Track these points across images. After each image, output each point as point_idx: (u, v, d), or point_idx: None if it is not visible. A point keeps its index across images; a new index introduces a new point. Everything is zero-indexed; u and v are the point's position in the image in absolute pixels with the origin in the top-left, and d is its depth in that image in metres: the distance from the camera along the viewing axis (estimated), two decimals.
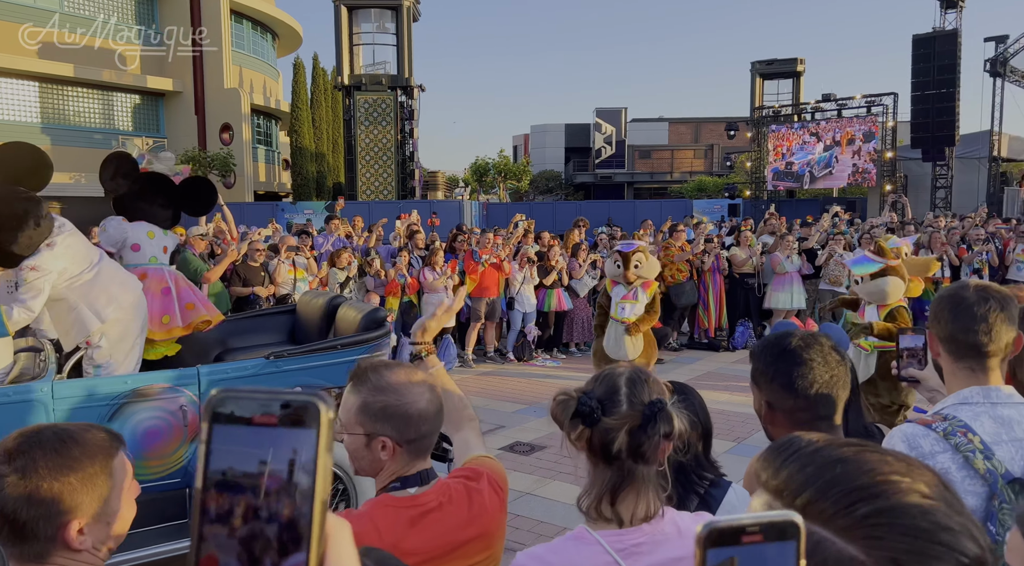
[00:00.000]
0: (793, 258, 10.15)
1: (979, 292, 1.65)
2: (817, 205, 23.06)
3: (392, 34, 24.68)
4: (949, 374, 1.71)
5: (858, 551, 0.61)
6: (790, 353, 1.55)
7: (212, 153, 25.38)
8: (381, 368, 1.55)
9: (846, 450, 0.69)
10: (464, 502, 1.56)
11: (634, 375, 1.36)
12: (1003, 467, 1.56)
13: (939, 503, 0.63)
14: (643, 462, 1.30)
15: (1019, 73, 24.71)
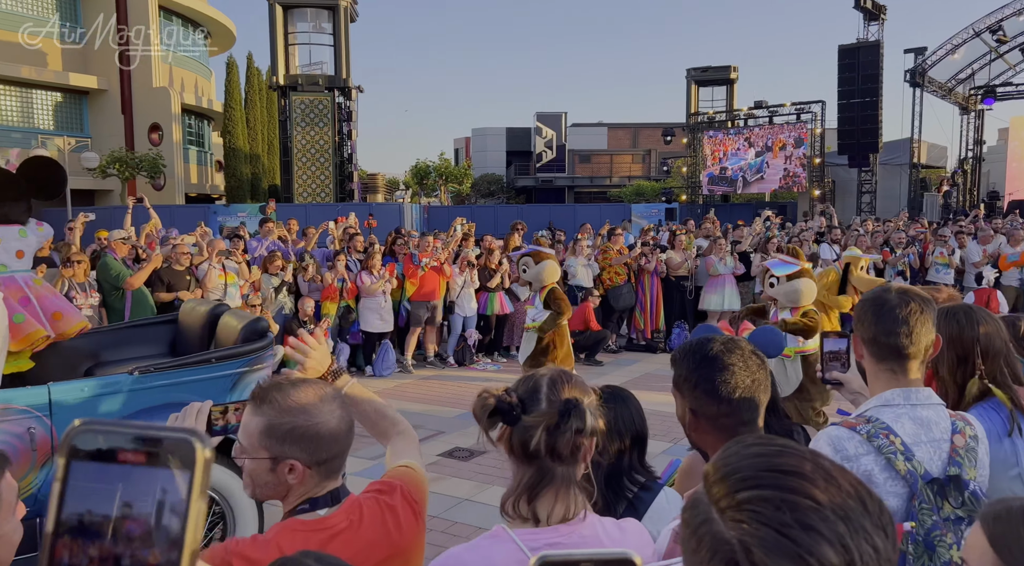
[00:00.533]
0: (727, 260, 10.39)
1: (901, 295, 1.68)
2: (750, 209, 23.70)
3: (329, 34, 24.28)
4: (872, 376, 1.73)
5: (732, 534, 0.64)
6: (712, 359, 1.55)
7: (140, 154, 24.49)
8: (287, 387, 1.47)
9: (773, 448, 0.71)
10: (376, 520, 1.50)
11: (556, 376, 1.38)
12: (923, 468, 1.59)
13: (830, 508, 0.64)
14: (561, 461, 1.31)
15: (936, 83, 25.93)
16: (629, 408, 2.01)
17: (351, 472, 5.64)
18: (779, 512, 0.63)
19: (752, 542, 0.63)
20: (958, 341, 1.98)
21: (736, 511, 0.65)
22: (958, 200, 26.18)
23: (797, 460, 0.69)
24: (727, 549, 0.64)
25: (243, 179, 29.46)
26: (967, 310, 2.04)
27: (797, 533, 0.62)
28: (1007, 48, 24.99)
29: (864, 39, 24.14)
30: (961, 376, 1.99)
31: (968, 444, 1.66)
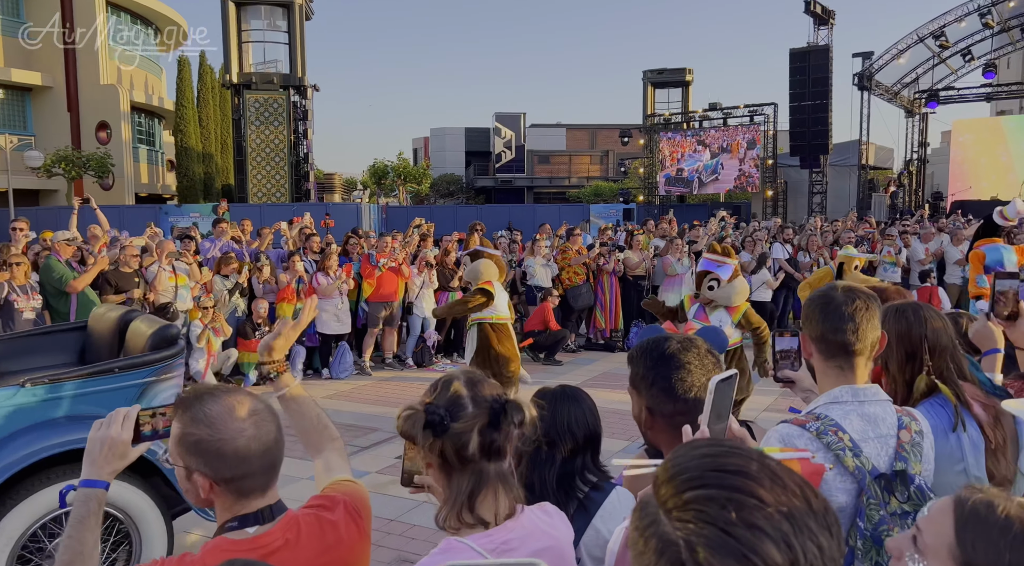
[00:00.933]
0: (684, 260, 10.52)
1: (846, 293, 1.71)
2: (705, 209, 24.07)
3: (284, 32, 23.90)
4: (821, 373, 1.76)
5: (675, 534, 0.64)
6: (668, 357, 1.56)
7: (87, 153, 23.79)
8: (205, 397, 1.40)
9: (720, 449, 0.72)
10: (315, 536, 1.45)
11: (471, 377, 1.37)
12: (870, 464, 1.62)
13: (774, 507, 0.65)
14: (496, 459, 1.31)
15: (883, 87, 26.68)
16: (582, 407, 2.00)
17: (305, 476, 5.56)
18: (724, 511, 0.64)
19: (697, 541, 0.63)
20: (907, 338, 2.02)
21: (682, 511, 0.65)
22: (904, 200, 27.00)
23: (743, 460, 0.69)
24: (673, 550, 0.64)
25: (196, 179, 28.82)
26: (916, 307, 2.08)
27: (741, 531, 0.63)
28: (949, 53, 25.87)
29: (814, 43, 24.73)
30: (909, 372, 2.03)
31: (914, 439, 1.70)
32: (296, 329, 1.76)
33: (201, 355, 8.16)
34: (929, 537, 0.93)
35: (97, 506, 1.46)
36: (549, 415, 2.01)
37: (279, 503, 1.46)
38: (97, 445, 1.48)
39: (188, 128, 28.73)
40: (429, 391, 1.37)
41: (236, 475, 1.37)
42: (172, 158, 30.30)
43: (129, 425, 1.49)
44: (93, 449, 1.49)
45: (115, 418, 1.50)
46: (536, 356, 9.84)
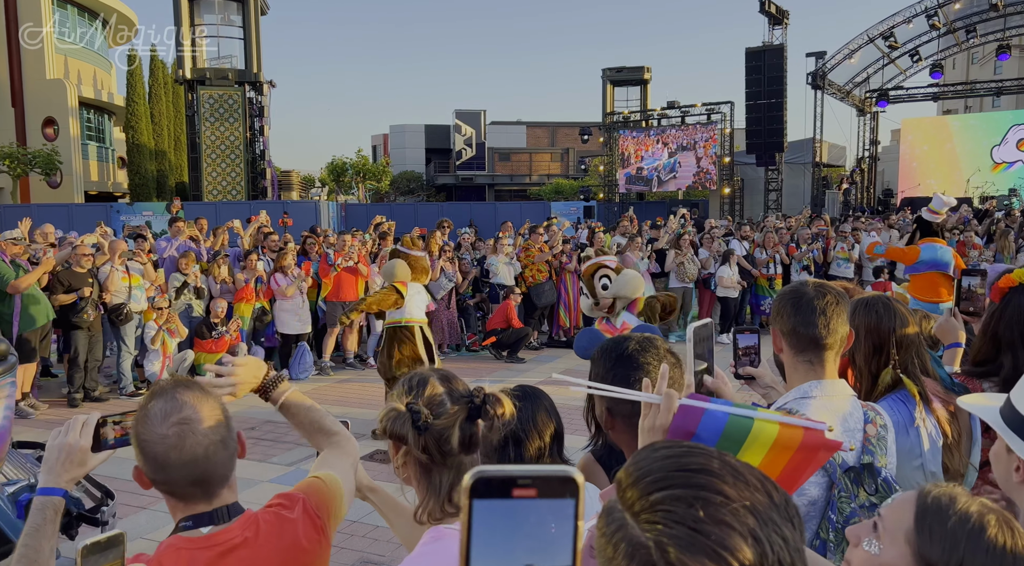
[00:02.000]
0: (644, 259, 10.63)
1: (817, 288, 1.73)
2: (664, 207, 24.34)
3: (239, 27, 23.43)
4: (790, 368, 1.78)
5: (644, 537, 0.65)
6: (627, 358, 1.56)
7: (33, 150, 23.02)
8: (166, 392, 1.39)
9: (680, 450, 0.73)
10: (274, 535, 1.42)
11: (442, 374, 1.40)
12: (840, 458, 1.65)
13: (740, 503, 0.66)
14: (472, 451, 1.34)
15: (836, 86, 27.29)
16: (544, 405, 2.03)
17: (266, 479, 5.47)
18: (691, 509, 0.65)
19: (668, 542, 0.63)
20: (875, 331, 2.06)
21: (650, 513, 0.66)
22: (856, 197, 27.66)
23: (705, 459, 0.70)
24: (644, 552, 0.64)
25: (148, 176, 28.11)
26: (885, 302, 2.12)
27: (710, 528, 0.63)
28: (898, 54, 26.58)
29: (769, 43, 25.17)
30: (876, 365, 2.07)
31: (879, 433, 1.74)
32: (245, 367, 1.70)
33: (156, 357, 7.97)
34: (889, 522, 0.95)
35: (54, 514, 1.42)
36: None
37: (236, 504, 1.43)
38: (55, 453, 1.45)
39: (140, 124, 28.00)
40: (405, 391, 1.37)
41: (159, 479, 1.36)
42: (123, 155, 29.51)
43: (88, 431, 1.46)
44: (50, 457, 1.45)
45: (73, 425, 1.47)
46: (499, 354, 9.84)
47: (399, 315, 6.49)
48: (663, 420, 1.13)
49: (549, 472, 0.50)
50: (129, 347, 8.00)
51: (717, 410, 1.10)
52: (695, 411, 1.11)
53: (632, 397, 1.20)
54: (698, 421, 1.10)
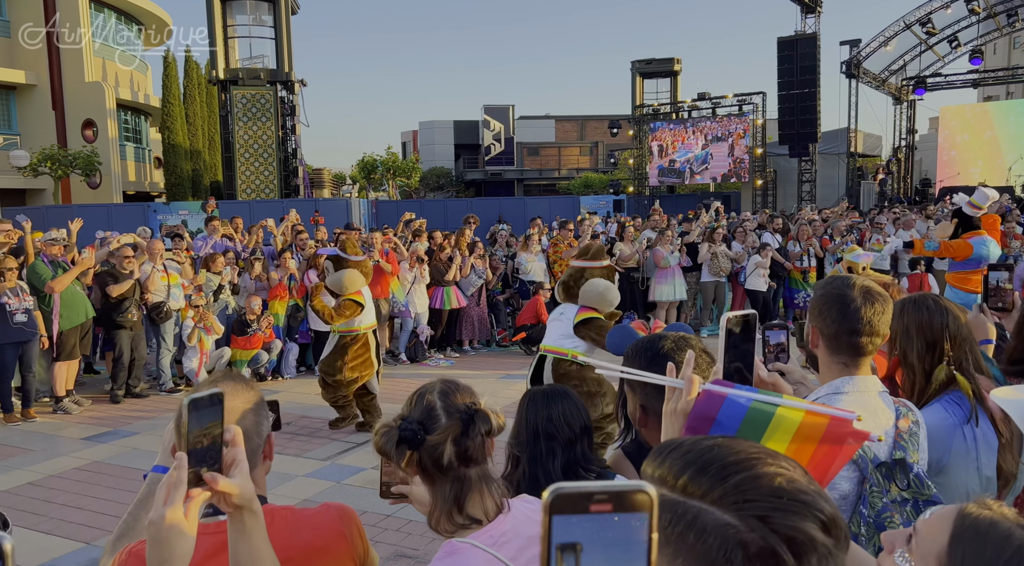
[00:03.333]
0: (675, 253, 10.55)
1: (865, 295, 1.69)
2: (695, 199, 24.10)
3: (270, 27, 23.71)
4: (824, 366, 1.77)
5: (731, 517, 0.69)
6: (664, 357, 1.57)
7: (74, 151, 23.56)
8: (213, 378, 1.45)
9: (720, 440, 0.78)
10: (287, 530, 1.46)
11: (445, 387, 1.40)
12: (872, 452, 1.65)
13: (796, 475, 0.73)
14: (475, 464, 1.35)
15: (871, 75, 26.75)
16: (572, 401, 2.09)
17: (302, 474, 5.56)
18: (775, 483, 0.71)
19: (768, 513, 0.69)
20: (928, 328, 2.04)
21: (735, 494, 0.70)
22: (893, 188, 27.10)
23: (748, 445, 0.77)
24: (734, 531, 0.68)
25: (183, 176, 28.62)
26: (935, 299, 2.10)
27: (797, 494, 0.70)
28: (936, 40, 25.95)
29: (802, 31, 24.74)
30: (929, 362, 2.04)
31: (911, 428, 1.73)
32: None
33: (194, 354, 8.14)
34: (923, 541, 0.92)
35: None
36: (544, 411, 2.08)
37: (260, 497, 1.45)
38: (170, 435, 1.55)
39: (175, 125, 28.51)
40: (407, 404, 1.41)
41: None
42: (159, 155, 30.08)
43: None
44: (166, 438, 1.56)
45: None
46: (529, 350, 9.86)
47: (357, 323, 6.33)
48: (684, 404, 1.14)
49: (624, 487, 0.53)
50: (168, 344, 8.18)
51: (739, 396, 1.10)
52: (717, 396, 1.11)
53: (656, 381, 1.22)
54: (719, 407, 1.10)
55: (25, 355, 7.13)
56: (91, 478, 5.65)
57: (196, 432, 1.09)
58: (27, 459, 6.10)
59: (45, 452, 6.27)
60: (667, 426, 1.18)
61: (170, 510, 1.05)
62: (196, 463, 1.09)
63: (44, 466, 5.92)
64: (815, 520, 0.69)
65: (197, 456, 1.09)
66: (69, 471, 5.80)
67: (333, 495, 5.08)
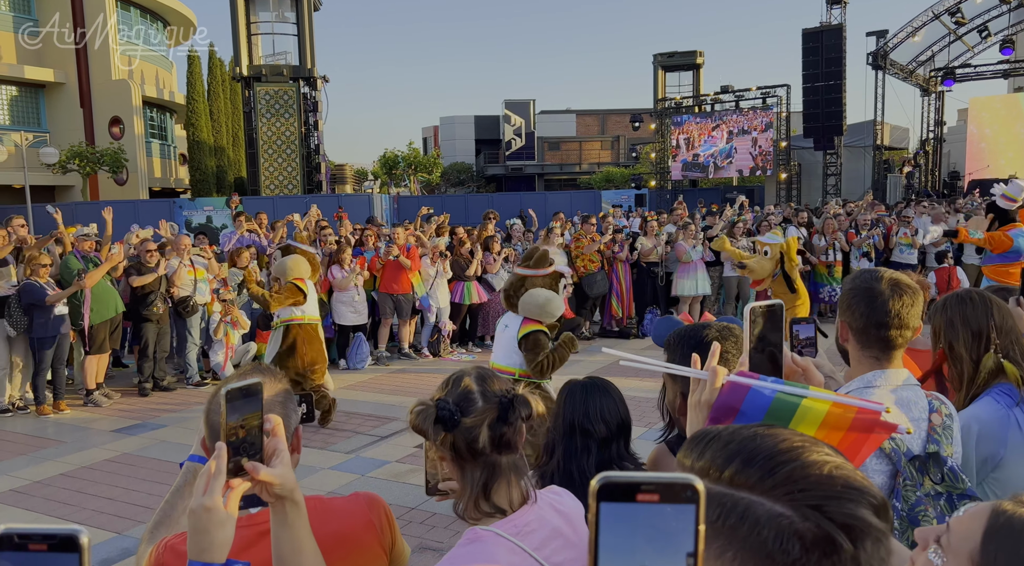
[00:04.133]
0: (697, 247, 10.48)
1: (893, 287, 1.68)
2: (718, 193, 23.91)
3: (292, 23, 23.87)
4: (855, 360, 1.77)
5: (784, 507, 0.68)
6: (706, 346, 1.56)
7: (101, 148, 23.94)
8: (244, 371, 1.46)
9: (758, 429, 0.77)
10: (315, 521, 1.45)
11: (480, 373, 1.40)
12: (905, 446, 1.64)
13: (841, 461, 0.73)
14: (507, 451, 1.34)
15: (898, 66, 26.33)
16: (612, 397, 2.04)
17: (327, 467, 5.61)
18: (824, 471, 0.70)
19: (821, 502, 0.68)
20: (973, 319, 2.04)
21: (787, 485, 0.70)
22: (920, 181, 26.68)
23: (789, 434, 0.76)
24: (788, 521, 0.68)
25: (208, 172, 28.94)
26: (978, 292, 2.10)
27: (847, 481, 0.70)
28: (965, 30, 25.46)
29: (827, 23, 24.41)
30: (976, 352, 2.04)
31: (944, 422, 1.71)
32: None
33: (220, 348, 8.25)
34: (956, 538, 0.91)
35: (194, 478, 1.54)
36: (582, 405, 2.05)
37: None
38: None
39: (199, 122, 28.84)
40: (441, 387, 1.40)
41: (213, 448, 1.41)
42: (184, 152, 30.44)
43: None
44: (201, 428, 1.58)
45: None
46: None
47: (300, 312, 6.25)
48: (708, 396, 1.14)
49: (671, 479, 0.54)
50: (195, 338, 8.29)
51: (764, 387, 1.10)
52: (741, 388, 1.11)
53: (681, 372, 1.21)
54: (743, 398, 1.10)
55: (58, 349, 7.28)
56: (121, 469, 5.75)
57: (235, 422, 1.10)
58: (59, 450, 6.22)
59: (76, 444, 6.40)
60: (692, 417, 1.18)
61: (210, 499, 1.08)
62: (236, 453, 1.10)
63: (76, 457, 6.04)
64: (868, 506, 0.69)
65: (237, 446, 1.10)
66: (100, 463, 5.91)
67: (357, 488, 5.13)
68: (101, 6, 25.40)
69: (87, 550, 0.59)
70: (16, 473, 5.69)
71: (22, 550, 0.58)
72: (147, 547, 1.54)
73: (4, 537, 0.58)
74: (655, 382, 5.54)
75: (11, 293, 7.07)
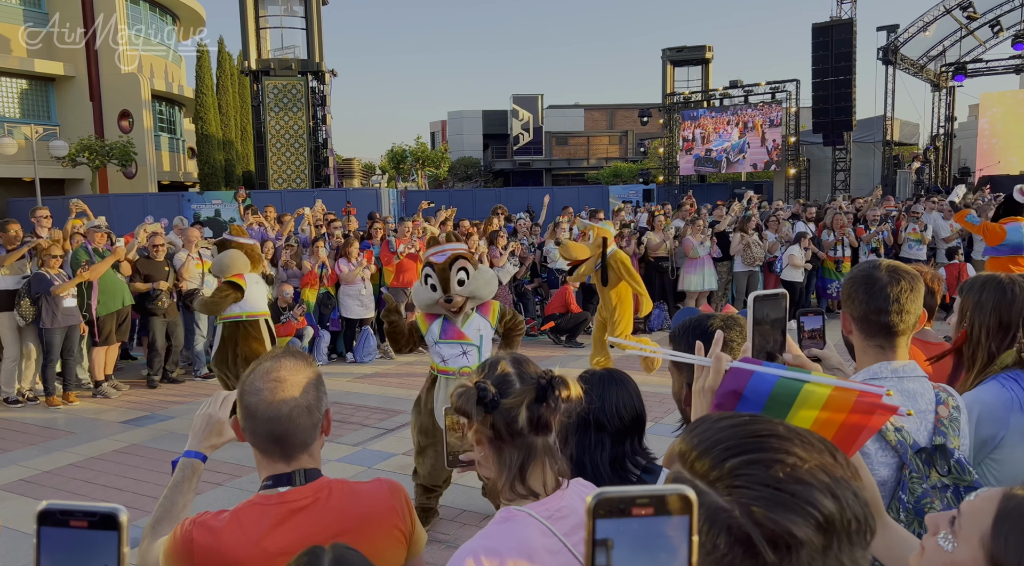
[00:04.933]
0: (705, 243, 10.45)
1: (891, 273, 1.69)
2: (726, 189, 23.82)
3: (301, 17, 23.89)
4: (860, 351, 1.76)
5: (725, 501, 0.67)
6: (711, 336, 1.56)
7: (111, 142, 24.03)
8: (275, 354, 1.53)
9: (748, 417, 0.75)
10: (344, 501, 1.53)
11: (515, 357, 1.44)
12: (911, 438, 1.63)
13: (812, 463, 0.69)
14: (543, 432, 1.37)
15: (909, 61, 26.13)
16: (628, 390, 2.01)
17: (334, 459, 5.64)
18: (771, 471, 0.68)
19: (752, 503, 0.66)
20: (1007, 310, 2.01)
21: (729, 479, 0.68)
22: (930, 177, 26.50)
23: (770, 425, 0.73)
24: (725, 516, 0.67)
25: (216, 166, 29.03)
26: (1020, 281, 2.07)
27: (792, 487, 0.67)
28: (977, 25, 25.24)
29: (837, 17, 24.24)
30: (997, 343, 2.02)
31: (951, 414, 1.70)
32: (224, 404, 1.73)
33: None
34: (967, 521, 0.91)
35: (192, 473, 1.63)
36: (598, 398, 2.03)
37: (314, 471, 1.53)
38: (200, 421, 1.66)
39: (208, 115, 28.91)
40: (478, 371, 1.43)
41: (247, 429, 1.49)
42: (193, 145, 30.53)
43: (227, 406, 1.64)
44: (196, 424, 1.66)
45: (217, 398, 1.66)
46: (557, 339, 9.87)
47: (241, 309, 6.01)
48: (712, 382, 1.15)
49: (665, 491, 0.54)
50: (202, 330, 8.33)
51: (767, 373, 1.11)
52: (744, 373, 1.12)
53: (684, 360, 1.22)
54: (746, 382, 1.11)
55: (68, 340, 7.32)
56: (130, 460, 5.79)
57: None
58: (69, 441, 6.27)
59: (86, 435, 6.44)
60: (696, 404, 1.18)
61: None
62: None
63: (85, 448, 6.08)
64: (807, 517, 0.65)
65: None
66: (109, 453, 5.96)
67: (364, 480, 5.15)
68: (111, 1, 25.47)
69: (126, 528, 0.60)
70: (27, 463, 5.74)
71: (63, 526, 0.59)
72: (150, 543, 1.57)
73: (46, 513, 0.59)
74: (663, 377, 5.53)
75: (22, 284, 7.13)
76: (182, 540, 1.43)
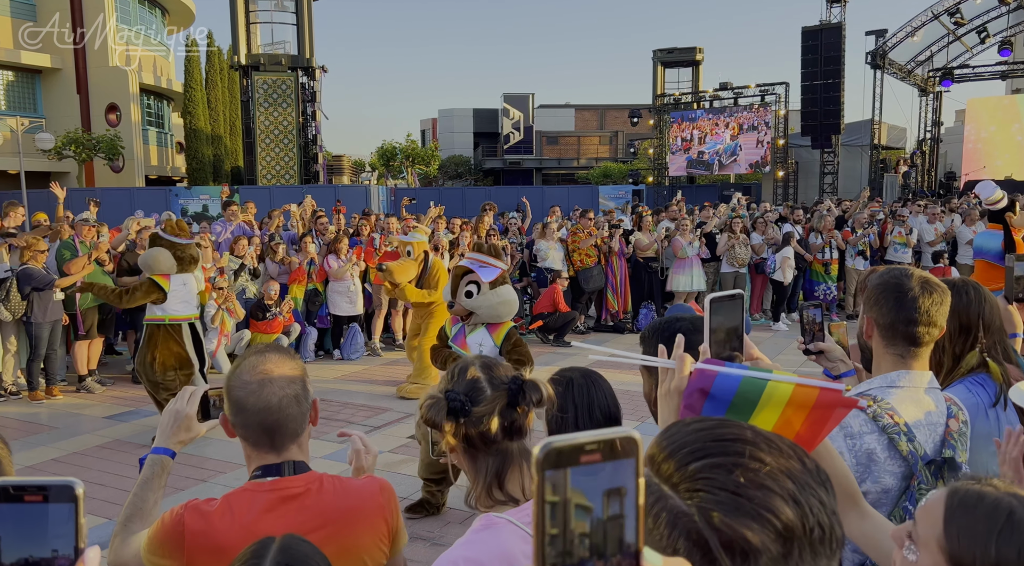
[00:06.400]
0: (694, 243, 10.50)
1: (924, 285, 1.66)
2: (715, 191, 23.90)
3: (291, 13, 23.78)
4: (878, 357, 1.74)
5: (685, 506, 0.66)
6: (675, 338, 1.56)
7: (98, 135, 23.82)
8: (259, 350, 1.55)
9: (712, 423, 0.74)
10: (336, 493, 1.55)
11: (484, 361, 1.42)
12: (923, 449, 1.62)
13: (776, 467, 0.68)
14: (518, 437, 1.36)
15: (897, 65, 26.32)
16: (602, 390, 2.01)
17: (319, 456, 5.63)
18: (731, 476, 0.66)
19: (711, 507, 0.65)
20: (964, 313, 2.02)
21: (690, 482, 0.67)
22: (917, 181, 26.71)
23: (738, 429, 0.72)
24: (686, 520, 0.66)
25: (205, 161, 28.85)
26: (975, 286, 2.09)
27: (752, 492, 0.65)
28: (964, 31, 25.47)
29: (827, 21, 24.39)
30: (960, 346, 2.03)
31: (961, 428, 1.70)
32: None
33: (214, 335, 8.23)
34: (921, 528, 0.91)
35: (161, 470, 1.64)
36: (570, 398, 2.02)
37: (303, 463, 1.55)
38: (168, 417, 1.65)
39: (197, 110, 28.72)
40: (447, 378, 1.41)
41: (237, 423, 1.51)
42: (181, 140, 30.33)
43: (194, 402, 1.64)
44: (165, 421, 1.66)
45: (184, 395, 1.66)
46: (545, 338, 9.88)
47: (160, 311, 5.83)
48: (677, 383, 1.15)
49: (611, 434, 0.53)
50: None
51: (731, 372, 1.12)
52: (709, 374, 1.13)
53: (647, 362, 1.22)
54: (712, 382, 1.12)
55: (52, 334, 7.26)
56: (113, 455, 5.75)
57: None
58: (51, 436, 6.22)
59: (69, 430, 6.39)
60: (663, 406, 1.18)
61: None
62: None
63: (68, 443, 6.04)
64: (764, 523, 0.64)
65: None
66: (92, 448, 5.92)
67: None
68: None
69: (82, 500, 0.59)
70: None
71: (18, 502, 0.59)
72: (121, 541, 1.58)
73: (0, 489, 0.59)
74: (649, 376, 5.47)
75: (5, 277, 7.04)
76: (172, 524, 1.45)
